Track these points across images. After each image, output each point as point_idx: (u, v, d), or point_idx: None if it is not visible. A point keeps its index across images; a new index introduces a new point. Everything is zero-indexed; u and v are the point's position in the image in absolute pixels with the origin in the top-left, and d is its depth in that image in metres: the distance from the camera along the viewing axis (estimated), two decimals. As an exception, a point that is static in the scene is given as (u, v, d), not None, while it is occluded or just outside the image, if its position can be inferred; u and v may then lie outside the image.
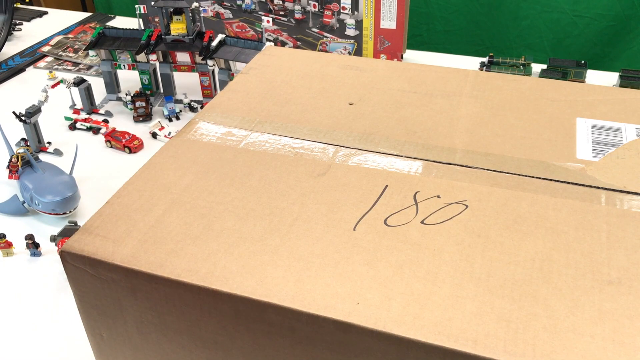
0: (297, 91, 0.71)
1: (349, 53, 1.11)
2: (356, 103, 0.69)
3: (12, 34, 1.46)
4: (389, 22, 1.05)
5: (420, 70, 0.77)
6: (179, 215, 0.52)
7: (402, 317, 0.42)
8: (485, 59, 1.09)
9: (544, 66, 1.03)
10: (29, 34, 1.47)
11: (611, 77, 1.05)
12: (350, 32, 1.09)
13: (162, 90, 1.14)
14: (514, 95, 0.70)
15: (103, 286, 0.50)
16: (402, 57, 1.07)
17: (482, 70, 1.05)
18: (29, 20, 1.54)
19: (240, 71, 0.77)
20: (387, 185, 0.55)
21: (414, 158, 0.59)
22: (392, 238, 0.49)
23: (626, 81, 0.99)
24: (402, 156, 0.59)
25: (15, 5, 1.51)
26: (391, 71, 0.76)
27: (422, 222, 0.51)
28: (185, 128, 0.65)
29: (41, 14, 1.58)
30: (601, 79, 1.04)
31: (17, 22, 1.51)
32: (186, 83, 1.20)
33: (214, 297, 0.46)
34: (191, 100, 1.15)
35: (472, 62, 1.12)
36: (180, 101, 1.16)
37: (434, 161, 0.58)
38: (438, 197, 0.53)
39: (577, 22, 1.34)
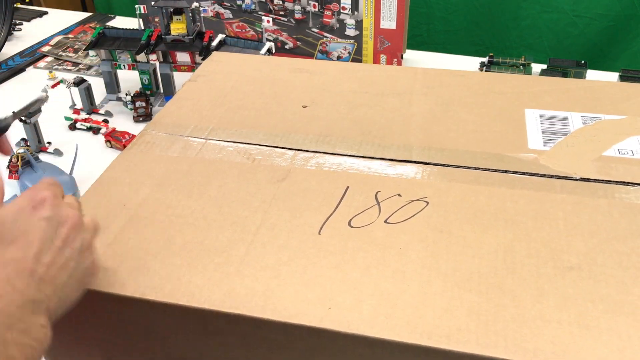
0: (249, 96, 0.71)
1: (349, 53, 1.10)
2: (309, 106, 0.69)
3: (12, 34, 1.43)
4: (389, 22, 1.05)
5: (369, 70, 0.78)
6: (137, 231, 0.51)
7: (374, 319, 0.42)
8: (485, 59, 1.08)
9: (544, 66, 1.03)
10: (29, 34, 1.45)
11: (611, 77, 1.05)
12: (350, 32, 1.09)
13: (162, 90, 1.12)
14: (463, 90, 0.71)
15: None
16: (402, 57, 1.07)
17: (482, 70, 1.04)
18: (29, 20, 1.52)
19: (189, 79, 0.76)
20: (348, 187, 0.55)
21: (372, 158, 0.59)
22: (357, 239, 0.49)
23: (626, 81, 1.00)
24: (360, 156, 0.59)
25: (15, 5, 1.47)
26: (341, 73, 0.76)
27: (385, 221, 0.51)
28: (136, 140, 0.64)
29: (41, 14, 1.56)
30: (601, 79, 1.04)
31: (17, 22, 1.49)
32: (186, 83, 1.18)
33: (181, 313, 0.45)
34: None
35: (472, 62, 1.12)
36: (180, 101, 1.13)
37: (392, 159, 0.59)
38: (399, 195, 0.54)
39: (577, 22, 1.35)
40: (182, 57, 1.05)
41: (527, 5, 1.37)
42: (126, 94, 1.08)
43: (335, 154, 0.60)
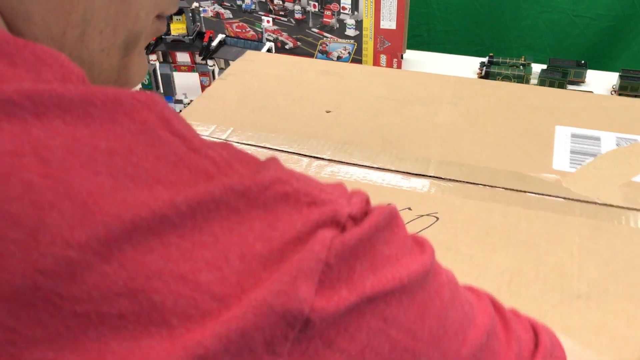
0: (274, 98, 0.71)
1: (349, 53, 1.10)
2: (333, 111, 0.68)
3: (14, 34, 1.47)
4: (389, 22, 1.04)
5: (400, 76, 0.77)
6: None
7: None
8: (485, 59, 1.07)
9: (544, 66, 1.01)
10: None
11: (611, 77, 1.03)
12: (350, 32, 1.08)
13: (162, 90, 1.14)
14: (494, 101, 0.69)
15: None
16: (402, 57, 1.06)
17: (481, 70, 1.02)
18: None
19: (219, 77, 0.77)
20: (358, 197, 0.54)
21: (387, 170, 0.58)
22: (360, 251, 0.48)
23: (626, 81, 0.98)
24: (375, 167, 0.58)
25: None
26: (369, 77, 0.75)
27: (391, 234, 0.50)
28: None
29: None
30: (601, 79, 1.02)
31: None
32: (186, 83, 1.19)
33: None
34: (191, 101, 1.14)
35: (472, 62, 1.10)
36: (180, 101, 1.15)
37: (407, 172, 0.58)
38: (409, 209, 0.53)
39: (577, 22, 1.34)
40: (182, 57, 1.07)
41: (527, 5, 1.36)
42: (126, 94, 1.10)
43: (350, 164, 0.59)
